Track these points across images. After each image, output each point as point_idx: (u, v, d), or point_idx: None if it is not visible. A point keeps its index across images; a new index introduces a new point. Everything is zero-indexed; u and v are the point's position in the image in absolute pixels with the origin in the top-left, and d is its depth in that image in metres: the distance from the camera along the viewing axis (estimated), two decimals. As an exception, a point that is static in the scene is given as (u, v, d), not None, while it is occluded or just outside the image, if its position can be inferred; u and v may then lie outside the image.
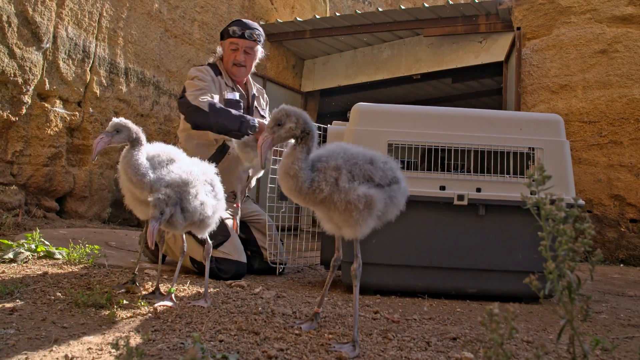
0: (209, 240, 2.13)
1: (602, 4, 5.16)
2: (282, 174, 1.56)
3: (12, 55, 4.10)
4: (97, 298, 1.92)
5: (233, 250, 2.78)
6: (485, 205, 2.50)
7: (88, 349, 1.41)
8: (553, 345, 1.70)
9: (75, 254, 2.81)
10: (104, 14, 4.95)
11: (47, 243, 2.91)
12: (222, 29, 3.23)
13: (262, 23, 6.91)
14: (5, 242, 2.79)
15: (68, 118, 4.72)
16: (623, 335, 1.93)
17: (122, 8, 5.13)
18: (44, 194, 4.64)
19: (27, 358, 1.32)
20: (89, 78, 4.86)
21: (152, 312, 1.89)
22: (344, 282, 2.66)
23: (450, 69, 6.51)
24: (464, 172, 2.59)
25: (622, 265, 4.64)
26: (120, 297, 2.05)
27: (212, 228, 2.06)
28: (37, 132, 4.47)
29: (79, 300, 1.92)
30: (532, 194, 1.10)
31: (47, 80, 4.44)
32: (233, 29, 3.07)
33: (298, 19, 6.78)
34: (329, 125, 2.90)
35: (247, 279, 2.80)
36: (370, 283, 2.53)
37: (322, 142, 3.09)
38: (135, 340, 1.51)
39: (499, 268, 2.51)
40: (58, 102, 4.62)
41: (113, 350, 1.35)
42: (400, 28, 6.40)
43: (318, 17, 6.69)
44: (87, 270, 2.59)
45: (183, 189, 1.89)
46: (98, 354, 1.37)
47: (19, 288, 2.08)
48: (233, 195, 2.95)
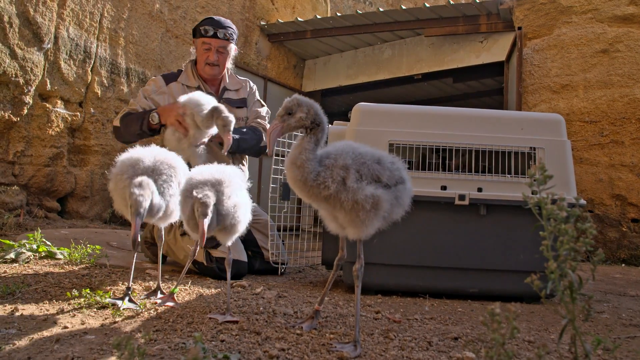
0: (230, 252, 1.96)
1: (603, 4, 5.15)
2: (288, 164, 1.54)
3: (13, 56, 4.11)
4: (98, 298, 1.93)
5: (233, 250, 2.78)
6: (487, 205, 2.50)
7: (90, 349, 1.41)
8: (555, 345, 1.70)
9: (77, 254, 2.81)
10: (105, 15, 4.96)
11: (48, 243, 2.92)
12: (194, 27, 3.11)
13: (263, 23, 6.91)
14: (7, 242, 2.80)
15: (69, 118, 4.72)
16: (625, 335, 1.92)
17: (123, 8, 5.13)
18: (46, 194, 4.65)
19: (29, 358, 1.33)
20: (90, 78, 4.87)
21: (153, 311, 1.89)
22: (345, 282, 2.66)
23: (451, 69, 6.51)
24: (465, 172, 2.59)
25: (623, 265, 4.63)
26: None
27: (240, 234, 1.91)
28: (38, 132, 4.48)
29: (81, 300, 1.92)
30: (533, 194, 1.10)
31: (48, 81, 4.45)
32: (205, 28, 2.96)
33: (299, 19, 6.78)
34: (330, 125, 2.90)
35: (248, 279, 2.80)
36: (372, 283, 2.53)
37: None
38: (137, 340, 1.51)
39: (500, 268, 2.51)
40: (59, 102, 4.63)
41: (115, 350, 1.36)
42: (401, 28, 6.40)
43: (319, 17, 6.69)
44: (88, 271, 2.59)
45: (217, 189, 1.76)
46: (100, 354, 1.38)
47: (21, 288, 2.08)
48: None
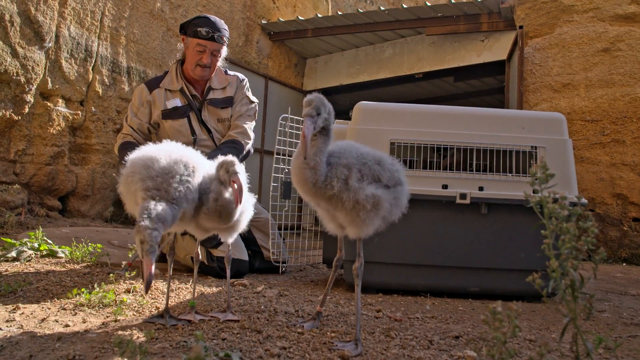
0: (230, 248, 1.94)
1: (604, 3, 5.14)
2: (300, 165, 1.50)
3: (14, 55, 4.11)
4: (100, 296, 1.93)
5: (234, 249, 2.78)
6: (488, 204, 2.50)
7: (91, 347, 1.41)
8: (556, 344, 1.70)
9: (78, 253, 2.82)
10: (106, 13, 4.96)
11: (49, 242, 2.92)
12: (185, 22, 2.97)
13: (264, 22, 6.91)
14: (9, 240, 2.80)
15: (70, 117, 4.72)
16: (626, 334, 1.92)
17: (124, 7, 5.13)
18: (47, 193, 4.65)
19: (30, 356, 1.33)
20: (92, 77, 4.87)
21: (154, 309, 1.90)
22: (346, 280, 2.66)
23: (453, 68, 6.50)
24: (467, 170, 2.59)
25: (624, 264, 4.63)
26: (124, 295, 2.05)
27: (241, 230, 1.86)
28: (39, 131, 4.48)
29: (82, 299, 1.92)
30: (534, 193, 1.10)
31: (49, 80, 4.45)
32: (202, 30, 2.86)
33: (300, 18, 6.78)
34: (331, 124, 2.90)
35: (249, 278, 2.80)
36: (373, 282, 2.54)
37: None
38: (139, 339, 1.52)
39: (502, 266, 2.51)
40: (60, 101, 4.63)
41: (116, 349, 1.36)
42: (403, 27, 6.40)
43: (320, 16, 6.68)
44: (89, 269, 2.59)
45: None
46: (101, 352, 1.38)
47: (22, 286, 2.08)
48: None
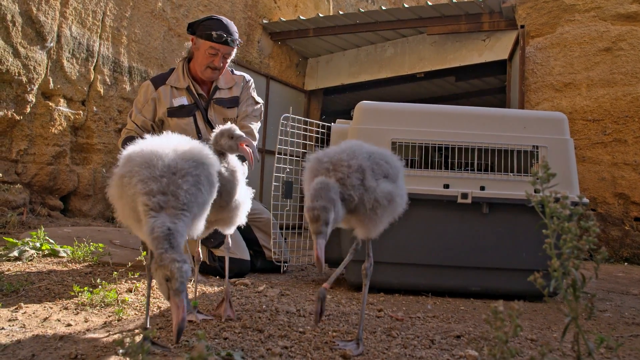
0: (229, 239, 1.96)
1: (606, 2, 5.13)
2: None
3: (16, 55, 4.12)
4: (102, 296, 1.93)
5: (236, 248, 2.78)
6: (489, 204, 2.50)
7: (93, 347, 1.42)
8: (557, 343, 1.70)
9: (80, 252, 2.82)
10: (108, 13, 4.96)
11: (51, 241, 2.93)
12: (195, 22, 2.94)
13: (265, 22, 6.91)
14: (11, 240, 2.81)
15: (72, 117, 4.73)
16: (628, 334, 1.92)
17: (125, 7, 5.14)
18: (48, 193, 4.66)
19: (33, 355, 1.33)
20: (93, 77, 4.87)
21: (156, 308, 1.90)
22: (348, 280, 2.66)
23: (454, 67, 6.49)
24: (468, 170, 2.58)
25: (626, 264, 4.62)
26: (125, 295, 2.06)
27: (241, 222, 1.85)
28: (41, 130, 4.49)
29: (84, 298, 1.93)
30: (536, 192, 1.10)
31: (51, 79, 4.46)
32: (217, 34, 2.85)
33: (301, 18, 6.77)
34: (333, 124, 2.90)
35: (250, 277, 2.81)
36: (375, 281, 2.53)
37: (326, 140, 3.10)
38: (141, 338, 1.52)
39: (503, 266, 2.51)
40: (62, 101, 4.64)
41: (118, 348, 1.36)
42: (404, 26, 6.39)
43: (321, 15, 6.68)
44: (91, 269, 2.60)
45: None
46: (103, 352, 1.38)
47: (25, 286, 2.09)
48: None
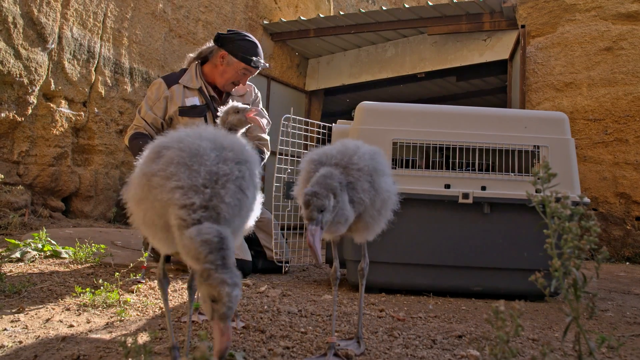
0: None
1: (607, 1, 5.13)
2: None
3: (17, 56, 4.13)
4: (104, 297, 1.94)
5: (237, 249, 2.79)
6: (490, 204, 2.50)
7: (96, 347, 1.42)
8: (559, 343, 1.70)
9: (82, 253, 2.83)
10: (109, 14, 4.97)
11: (53, 242, 2.93)
12: (227, 36, 2.89)
13: (265, 22, 6.91)
14: (13, 241, 2.82)
15: (73, 118, 4.74)
16: (629, 333, 1.92)
17: (126, 8, 5.15)
18: (50, 194, 4.67)
19: (35, 356, 1.34)
20: (94, 78, 4.88)
21: (158, 309, 1.90)
22: (349, 280, 2.66)
23: (455, 67, 6.49)
24: (469, 170, 2.59)
25: (627, 264, 4.62)
26: (127, 296, 2.06)
27: (249, 226, 1.74)
28: (42, 132, 4.50)
29: (86, 299, 1.93)
30: (537, 192, 1.10)
31: (52, 81, 4.47)
32: (256, 60, 2.87)
33: (302, 18, 6.78)
34: (334, 124, 2.91)
35: (252, 278, 2.81)
36: (376, 281, 2.54)
37: (327, 141, 3.10)
38: (143, 339, 1.52)
39: (504, 266, 2.51)
40: (63, 102, 4.65)
41: (121, 349, 1.36)
42: (404, 27, 6.39)
43: (322, 16, 6.68)
44: (93, 270, 2.60)
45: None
46: (106, 352, 1.39)
47: (27, 287, 2.09)
48: None
